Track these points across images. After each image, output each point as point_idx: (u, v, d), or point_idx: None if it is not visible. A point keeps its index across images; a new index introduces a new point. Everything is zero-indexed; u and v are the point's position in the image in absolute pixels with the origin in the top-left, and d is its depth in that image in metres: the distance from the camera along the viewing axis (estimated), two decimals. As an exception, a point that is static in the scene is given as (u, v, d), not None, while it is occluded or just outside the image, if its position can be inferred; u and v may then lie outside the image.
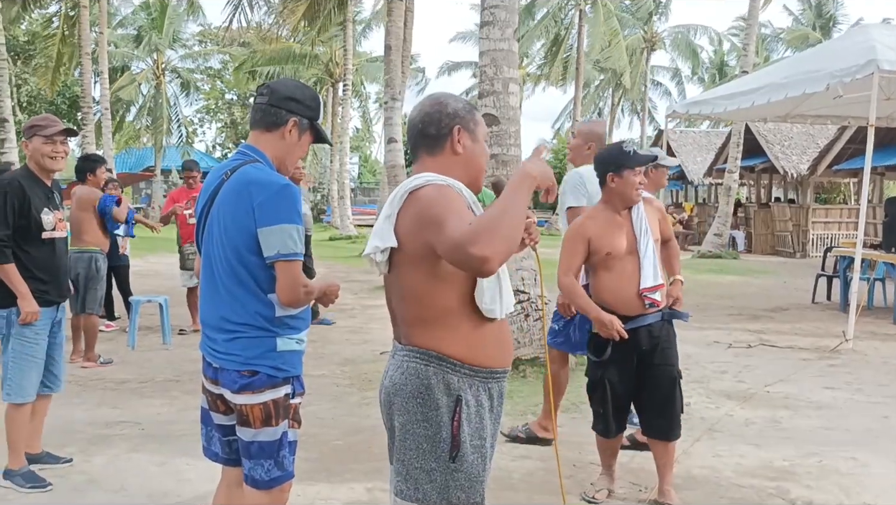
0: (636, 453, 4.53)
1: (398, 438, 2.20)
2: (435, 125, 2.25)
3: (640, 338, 3.81)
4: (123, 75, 35.67)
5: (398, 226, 2.15)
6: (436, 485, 2.13)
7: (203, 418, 2.82)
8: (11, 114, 15.45)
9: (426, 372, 2.16)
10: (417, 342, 2.19)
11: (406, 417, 2.17)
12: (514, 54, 7.11)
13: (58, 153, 4.07)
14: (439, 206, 2.08)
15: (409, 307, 2.20)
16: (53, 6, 23.50)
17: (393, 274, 2.22)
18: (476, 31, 38.61)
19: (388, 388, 2.25)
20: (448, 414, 2.14)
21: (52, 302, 4.12)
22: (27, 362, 4.01)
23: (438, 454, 2.13)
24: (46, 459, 4.32)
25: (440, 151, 2.26)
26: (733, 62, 41.41)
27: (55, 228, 4.12)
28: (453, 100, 2.30)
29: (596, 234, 3.80)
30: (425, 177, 2.19)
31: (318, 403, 5.60)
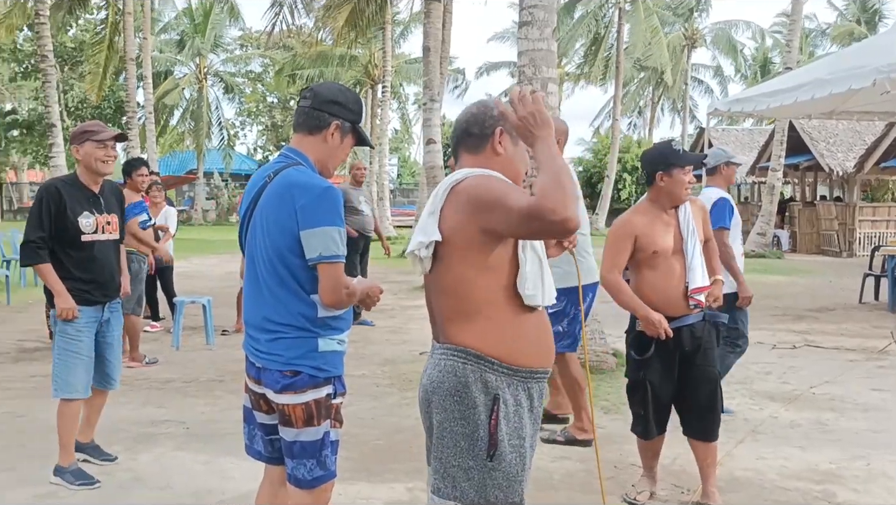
0: (678, 455, 4.48)
1: (436, 436, 2.20)
2: (479, 125, 2.31)
3: (683, 338, 3.77)
4: (167, 80, 36.29)
5: (443, 221, 2.19)
6: (473, 483, 2.14)
7: (246, 417, 2.86)
8: (59, 119, 15.80)
9: (464, 370, 2.17)
10: (456, 340, 2.20)
11: (444, 414, 2.18)
12: (553, 54, 7.08)
13: (109, 157, 4.20)
14: (491, 188, 2.13)
15: (449, 302, 2.21)
16: (101, 13, 24.00)
17: (436, 270, 2.24)
18: (514, 30, 38.48)
19: (426, 386, 2.26)
20: (486, 412, 2.15)
21: (95, 302, 4.21)
22: (71, 358, 4.12)
23: (476, 452, 2.14)
24: (92, 452, 4.43)
25: (481, 151, 2.31)
26: (777, 59, 40.77)
27: (97, 231, 4.21)
28: (500, 104, 2.36)
29: (643, 232, 3.77)
30: (464, 172, 2.25)
31: (359, 403, 5.64)
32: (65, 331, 4.11)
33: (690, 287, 3.75)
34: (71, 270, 4.12)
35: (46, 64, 15.23)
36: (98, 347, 4.27)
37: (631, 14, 32.43)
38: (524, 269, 2.18)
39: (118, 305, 4.44)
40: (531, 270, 2.20)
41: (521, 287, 2.19)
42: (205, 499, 3.99)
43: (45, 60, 15.22)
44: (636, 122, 48.78)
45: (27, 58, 35.37)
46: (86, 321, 4.16)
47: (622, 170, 36.45)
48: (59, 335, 4.14)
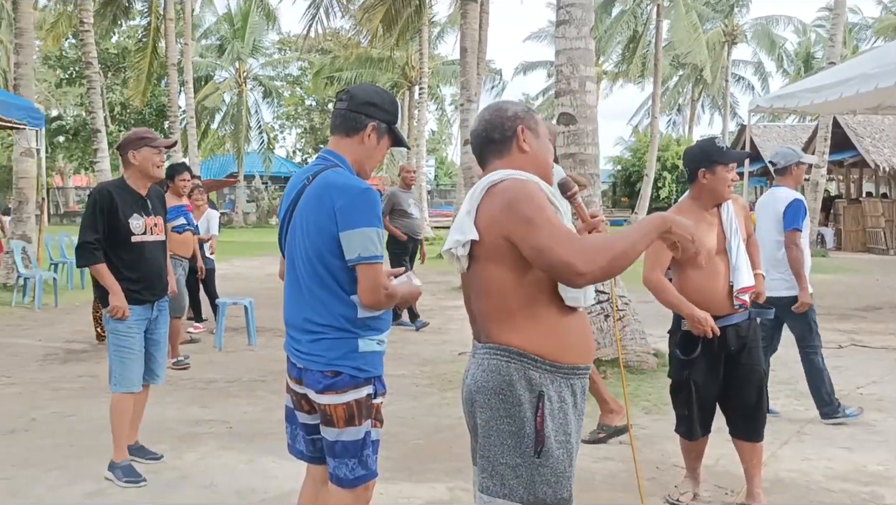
0: (721, 456, 4.43)
1: (482, 435, 2.21)
2: (499, 130, 2.34)
3: (729, 337, 3.73)
4: (207, 84, 36.81)
5: (479, 220, 2.20)
6: (521, 480, 2.14)
7: (288, 417, 2.89)
8: (104, 124, 16.11)
9: (507, 369, 2.17)
10: (497, 339, 2.21)
11: (489, 413, 2.18)
12: (591, 52, 7.05)
13: (162, 162, 4.45)
14: (527, 205, 2.13)
15: (489, 301, 2.22)
16: (143, 20, 24.43)
17: (472, 269, 2.25)
18: (551, 29, 38.35)
19: (469, 386, 2.27)
20: (531, 410, 2.15)
21: (145, 301, 4.35)
22: (124, 354, 4.28)
23: (523, 450, 2.14)
24: (137, 453, 4.53)
25: (508, 153, 2.33)
26: (820, 54, 40.06)
27: (146, 232, 4.36)
28: (510, 104, 2.40)
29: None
30: (502, 172, 2.25)
31: (399, 403, 5.67)
32: (117, 329, 4.26)
33: (736, 287, 3.70)
34: (122, 271, 4.26)
35: (91, 70, 15.54)
36: (145, 343, 4.42)
37: (670, 11, 32.12)
38: None
39: (166, 304, 4.59)
40: None
41: (562, 290, 2.19)
42: (248, 497, 4.05)
43: (90, 67, 15.53)
44: (675, 119, 48.35)
45: (72, 64, 36.14)
46: (136, 319, 4.31)
47: (661, 168, 36.14)
48: (111, 333, 4.29)
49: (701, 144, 3.90)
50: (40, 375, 6.82)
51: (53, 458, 4.61)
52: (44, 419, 5.41)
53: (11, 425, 5.26)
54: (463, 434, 5.00)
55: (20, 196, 12.50)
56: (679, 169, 36.84)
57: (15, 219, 12.52)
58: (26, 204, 12.45)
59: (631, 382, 6.26)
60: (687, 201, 3.87)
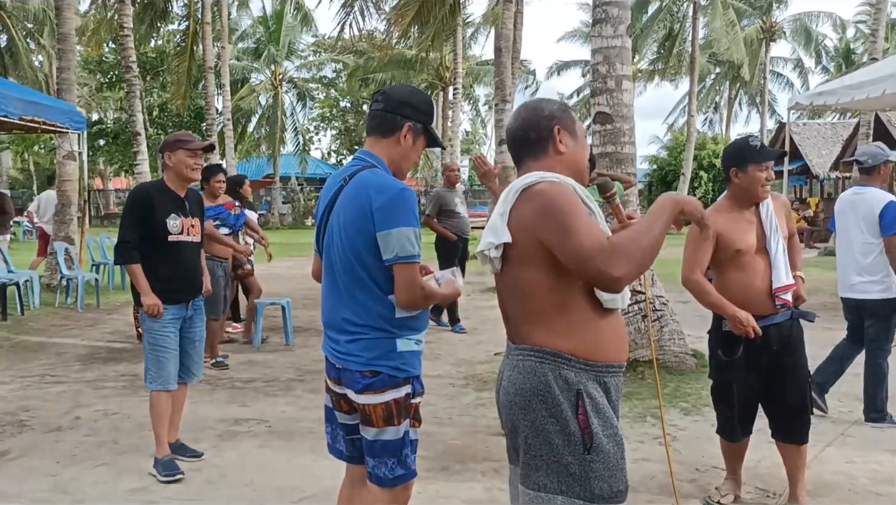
0: (763, 457, 4.37)
1: (530, 437, 2.20)
2: (535, 129, 2.32)
3: (771, 338, 3.67)
4: (244, 87, 37.19)
5: (512, 222, 2.19)
6: (576, 477, 2.14)
7: (328, 417, 2.90)
8: (143, 127, 16.36)
9: (542, 369, 2.18)
10: (531, 340, 2.21)
11: (532, 415, 2.18)
12: (628, 51, 7.00)
13: (199, 165, 4.50)
14: (561, 209, 2.11)
15: (523, 303, 2.22)
16: (181, 24, 24.78)
17: (506, 270, 2.25)
18: (585, 29, 38.08)
19: (507, 388, 2.26)
20: (571, 409, 2.15)
21: (180, 300, 4.44)
22: (160, 353, 4.35)
23: (573, 448, 2.14)
24: (178, 450, 4.60)
25: (543, 155, 2.31)
26: (860, 50, 39.33)
27: (182, 233, 4.44)
28: (547, 102, 2.37)
29: (725, 229, 3.67)
30: (537, 174, 2.23)
31: (435, 403, 5.68)
32: (152, 328, 4.35)
33: (775, 286, 3.65)
34: (158, 270, 4.34)
35: (130, 74, 15.78)
36: (181, 342, 4.50)
37: (707, 8, 31.76)
38: None
39: (201, 304, 4.65)
40: None
41: (599, 293, 2.19)
42: (288, 495, 4.08)
43: (129, 71, 15.77)
44: (712, 118, 47.79)
45: (111, 69, 36.76)
46: (171, 318, 4.38)
47: (698, 167, 35.74)
48: (147, 332, 4.38)
49: (735, 143, 3.86)
50: (84, 373, 6.95)
51: (98, 454, 4.69)
52: (88, 417, 5.52)
53: (57, 423, 5.37)
54: (500, 434, 5.00)
55: (63, 199, 12.74)
56: (716, 168, 36.44)
57: (58, 221, 12.76)
58: (69, 206, 12.68)
59: (670, 382, 6.21)
60: (724, 201, 3.83)
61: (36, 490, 4.13)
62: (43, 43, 30.41)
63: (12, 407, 5.78)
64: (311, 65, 42.27)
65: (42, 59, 31.98)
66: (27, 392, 6.27)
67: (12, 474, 4.39)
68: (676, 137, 39.90)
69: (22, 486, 4.19)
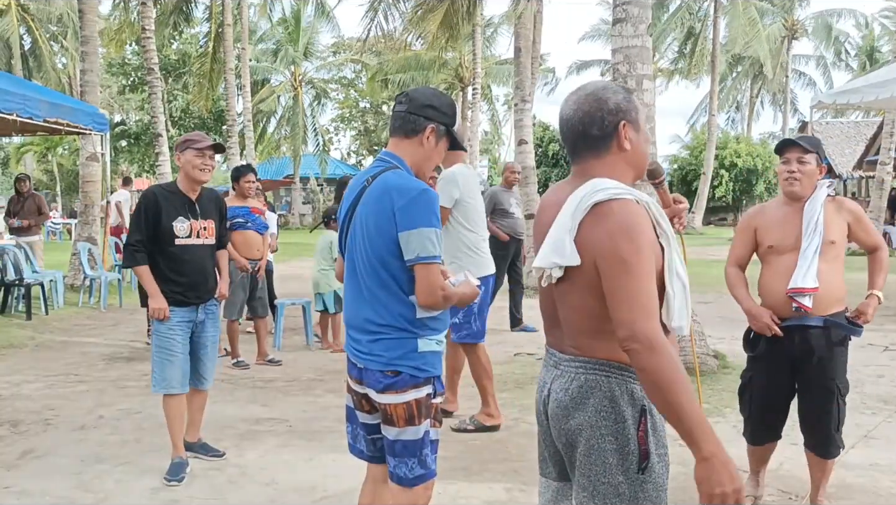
0: (785, 459, 4.33)
1: (582, 454, 2.07)
2: (598, 125, 2.09)
3: (792, 341, 3.57)
4: (263, 88, 37.39)
5: (578, 240, 2.02)
6: (624, 498, 2.03)
7: (349, 417, 2.92)
8: (165, 129, 16.49)
9: (608, 383, 2.04)
10: (592, 353, 2.07)
11: (590, 432, 2.05)
12: (648, 50, 6.96)
13: (206, 166, 4.42)
14: (629, 244, 1.95)
15: (584, 318, 2.07)
16: (204, 27, 24.97)
17: (565, 285, 2.08)
18: (604, 28, 37.86)
19: (563, 402, 2.10)
20: (634, 426, 2.03)
21: (188, 303, 4.40)
22: (165, 356, 4.33)
23: (626, 467, 2.02)
24: (200, 449, 4.64)
25: (606, 152, 2.11)
26: (885, 48, 38.90)
27: (191, 236, 4.41)
28: (611, 92, 2.12)
29: (762, 224, 3.66)
30: (606, 188, 2.03)
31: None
32: (158, 330, 4.34)
33: (789, 286, 3.53)
34: (165, 272, 4.34)
35: (153, 76, 15.91)
36: (192, 346, 4.46)
37: (728, 7, 31.53)
38: (671, 302, 2.04)
39: (214, 308, 4.60)
40: (679, 301, 2.05)
41: (666, 319, 2.04)
42: (308, 495, 4.10)
43: (152, 73, 15.90)
44: (734, 117, 47.45)
45: (134, 71, 37.09)
46: (178, 321, 4.36)
47: (719, 166, 35.50)
48: (154, 334, 4.38)
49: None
50: (107, 373, 7.02)
51: (121, 453, 4.74)
52: (111, 416, 5.57)
53: (81, 422, 5.43)
54: (519, 434, 5.02)
55: (86, 199, 12.88)
56: (737, 167, 36.19)
57: (81, 221, 12.91)
58: (92, 207, 12.82)
59: (700, 384, 6.17)
60: (778, 197, 3.80)
61: (59, 488, 4.18)
62: (66, 45, 30.76)
63: (37, 406, 5.85)
64: (331, 65, 42.42)
65: (66, 62, 32.33)
66: (51, 391, 6.34)
67: (36, 472, 4.44)
68: (697, 137, 39.65)
69: (46, 484, 4.24)
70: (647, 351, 1.87)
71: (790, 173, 3.57)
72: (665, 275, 2.04)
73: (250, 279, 7.36)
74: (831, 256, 3.54)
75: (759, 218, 3.70)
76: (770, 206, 3.78)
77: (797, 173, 3.55)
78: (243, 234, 7.21)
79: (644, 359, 1.88)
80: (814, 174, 3.58)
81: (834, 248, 3.55)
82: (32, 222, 11.38)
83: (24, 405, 5.87)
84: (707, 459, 1.86)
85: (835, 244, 3.55)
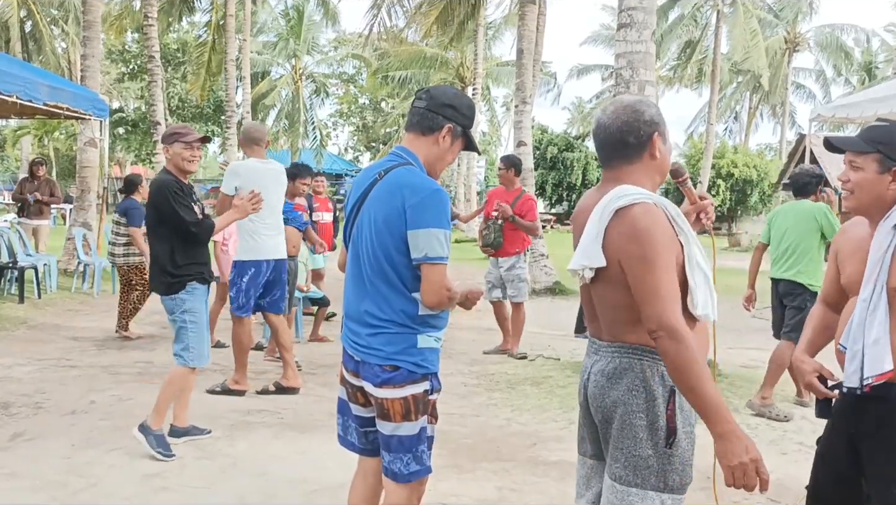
0: (776, 467, 4.34)
1: (617, 428, 2.27)
2: (634, 134, 2.32)
3: (847, 408, 2.61)
4: (264, 80, 37.32)
5: (606, 244, 2.25)
6: (653, 470, 2.23)
7: (341, 409, 2.91)
8: (163, 117, 16.46)
9: (641, 365, 2.26)
10: (629, 339, 2.28)
11: (624, 408, 2.26)
12: (652, 56, 6.99)
13: (195, 157, 4.62)
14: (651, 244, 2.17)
15: (619, 311, 2.28)
16: (205, 16, 24.92)
17: (598, 284, 2.31)
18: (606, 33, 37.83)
19: (599, 382, 2.32)
20: (664, 404, 2.23)
21: (207, 281, 4.66)
22: (203, 331, 4.59)
23: (655, 441, 2.23)
24: (192, 432, 4.77)
25: (638, 160, 2.34)
26: (883, 64, 39.07)
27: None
28: (646, 106, 2.36)
29: (842, 249, 2.76)
30: (632, 193, 2.24)
31: (448, 402, 5.67)
32: (193, 308, 4.53)
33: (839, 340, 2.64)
34: (192, 254, 4.55)
35: (153, 65, 15.90)
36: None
37: (729, 17, 31.61)
38: (695, 292, 2.24)
39: None
40: (702, 290, 2.26)
41: (692, 308, 2.24)
42: (300, 487, 4.11)
43: (152, 61, 15.89)
44: (732, 127, 47.57)
45: (133, 59, 36.97)
46: (203, 297, 4.61)
47: (716, 176, 35.56)
48: (188, 313, 4.52)
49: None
50: (99, 359, 7.01)
51: (112, 439, 4.73)
52: (103, 402, 5.57)
53: (72, 407, 5.42)
54: (511, 434, 5.03)
55: (83, 185, 12.84)
56: (734, 177, 36.29)
57: (77, 207, 12.87)
58: (88, 193, 12.78)
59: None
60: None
61: (50, 472, 4.18)
62: (66, 30, 30.63)
63: (28, 389, 5.84)
64: (332, 60, 42.37)
65: (66, 46, 32.20)
66: (43, 375, 6.33)
67: (27, 455, 4.44)
68: (695, 145, 39.74)
69: (36, 467, 4.24)
70: (669, 339, 2.10)
71: (844, 184, 2.61)
72: (686, 267, 2.24)
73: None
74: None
75: (841, 240, 2.79)
76: (854, 225, 2.75)
77: (849, 183, 2.59)
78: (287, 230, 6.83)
79: (666, 345, 2.11)
80: (875, 185, 2.53)
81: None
82: (45, 200, 11.78)
83: (16, 388, 5.86)
84: (723, 436, 2.10)
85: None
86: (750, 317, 10.41)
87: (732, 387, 6.40)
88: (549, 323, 8.27)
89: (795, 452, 4.84)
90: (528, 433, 5.10)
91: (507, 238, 7.59)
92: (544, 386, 6.32)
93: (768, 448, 4.89)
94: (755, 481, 2.11)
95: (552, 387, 6.33)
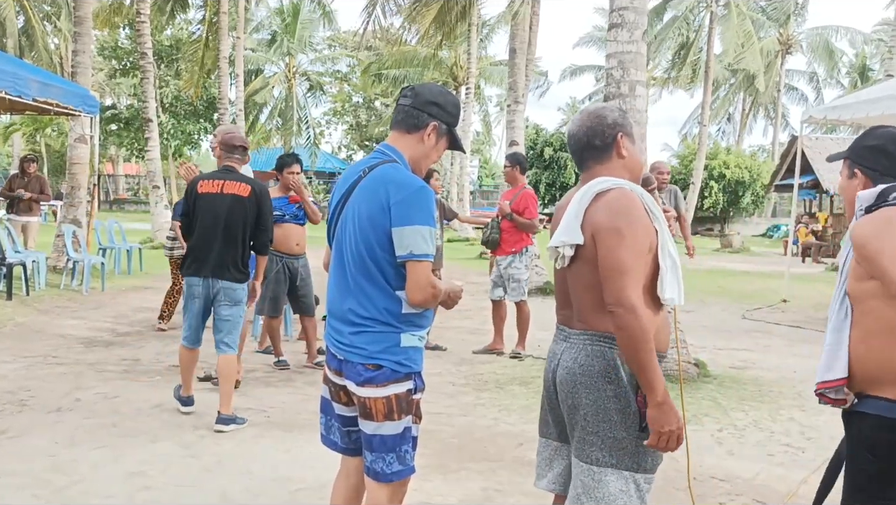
0: (761, 470, 4.35)
1: (589, 414, 2.39)
2: (599, 136, 2.52)
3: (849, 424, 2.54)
4: (257, 78, 37.22)
5: (585, 224, 2.41)
6: (628, 451, 2.37)
7: (323, 407, 2.89)
8: (155, 114, 16.41)
9: (611, 353, 2.38)
10: (598, 327, 2.41)
11: (596, 394, 2.39)
12: (643, 56, 6.99)
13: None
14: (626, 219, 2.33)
15: (592, 295, 2.40)
16: (198, 13, 24.85)
17: (575, 266, 2.45)
18: (598, 33, 37.85)
19: (570, 368, 2.44)
20: (633, 389, 2.36)
21: None
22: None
23: (628, 425, 2.36)
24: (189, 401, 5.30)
25: (608, 159, 2.53)
26: (876, 66, 39.21)
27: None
28: (609, 110, 2.57)
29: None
30: (610, 180, 2.44)
31: (434, 401, 5.66)
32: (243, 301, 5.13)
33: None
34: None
35: (145, 61, 15.85)
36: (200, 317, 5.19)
37: (723, 18, 31.67)
38: (664, 276, 2.40)
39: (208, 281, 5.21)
40: (670, 276, 2.41)
41: (660, 291, 2.40)
42: (284, 486, 4.09)
43: (145, 58, 15.84)
44: (725, 128, 47.70)
45: (126, 55, 36.82)
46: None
47: (708, 177, 35.66)
48: (239, 306, 5.10)
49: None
50: (85, 356, 6.97)
51: (97, 437, 4.71)
52: (88, 399, 5.53)
53: (57, 404, 5.39)
54: (498, 434, 5.02)
55: (73, 181, 12.78)
56: (726, 178, 36.38)
57: (67, 204, 12.81)
58: (78, 189, 12.73)
59: (671, 391, 6.19)
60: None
61: (34, 469, 4.15)
62: (59, 26, 30.50)
63: (13, 386, 5.80)
64: (326, 58, 42.31)
65: (58, 42, 32.07)
66: (29, 372, 6.29)
67: (11, 452, 4.41)
68: (688, 146, 39.82)
69: (19, 464, 4.21)
70: (628, 314, 2.25)
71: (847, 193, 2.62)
72: (658, 253, 2.40)
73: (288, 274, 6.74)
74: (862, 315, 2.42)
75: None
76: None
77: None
78: (281, 227, 6.39)
79: (623, 320, 2.26)
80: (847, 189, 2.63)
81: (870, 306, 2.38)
82: (35, 196, 11.67)
83: (1, 385, 5.82)
84: (660, 406, 2.30)
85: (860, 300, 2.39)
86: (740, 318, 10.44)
87: (721, 388, 6.40)
88: (539, 323, 8.24)
89: (782, 454, 4.83)
90: (515, 433, 5.09)
91: (505, 236, 7.58)
92: (532, 386, 6.31)
93: (755, 450, 4.89)
94: (675, 446, 2.32)
95: (540, 387, 6.30)
